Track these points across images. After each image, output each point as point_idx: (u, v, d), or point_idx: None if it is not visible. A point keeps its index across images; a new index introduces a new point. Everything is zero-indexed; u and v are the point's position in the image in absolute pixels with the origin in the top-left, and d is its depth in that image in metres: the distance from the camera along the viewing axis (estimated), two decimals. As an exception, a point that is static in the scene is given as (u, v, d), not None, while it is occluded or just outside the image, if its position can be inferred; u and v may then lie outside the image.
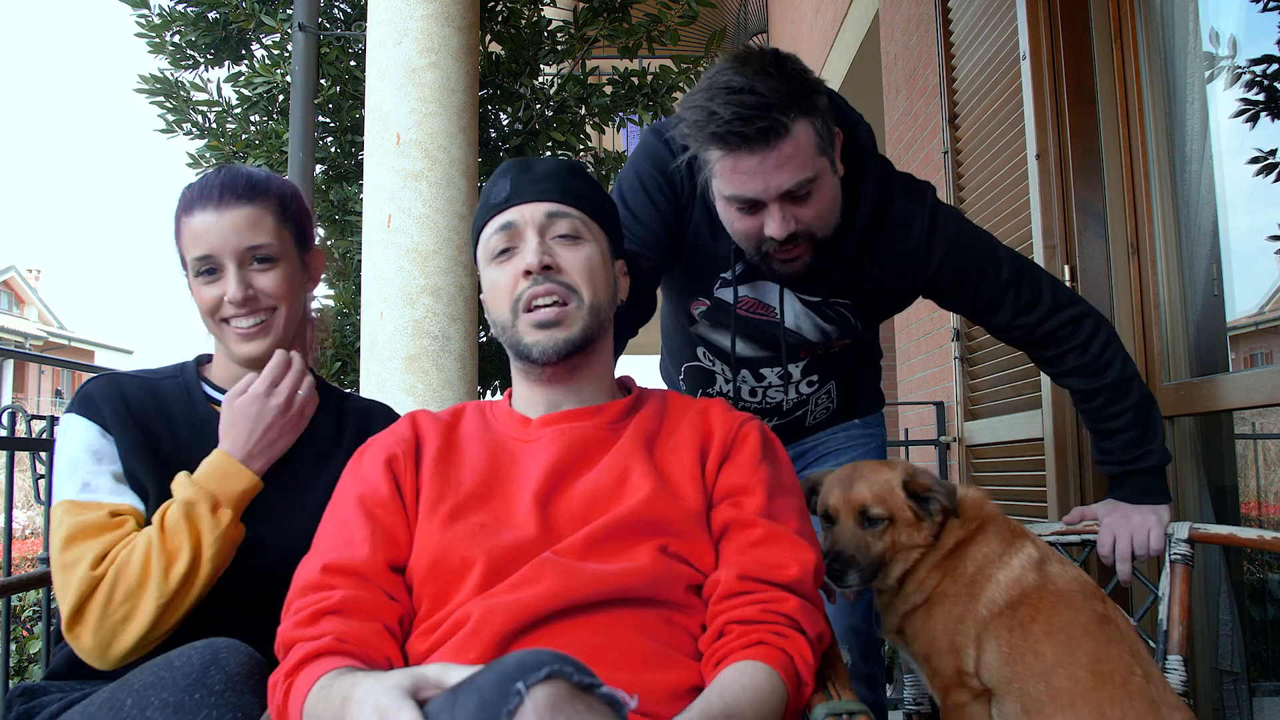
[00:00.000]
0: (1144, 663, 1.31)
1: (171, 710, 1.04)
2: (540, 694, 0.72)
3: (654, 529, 1.12)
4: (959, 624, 1.38)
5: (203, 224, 1.33)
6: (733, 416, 1.26)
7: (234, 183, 1.35)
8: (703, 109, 1.34)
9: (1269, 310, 2.37)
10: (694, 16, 4.12)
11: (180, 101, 4.18)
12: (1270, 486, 2.99)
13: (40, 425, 2.30)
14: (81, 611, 1.19)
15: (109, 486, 1.27)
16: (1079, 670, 1.28)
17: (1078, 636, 1.31)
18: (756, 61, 1.35)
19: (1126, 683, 1.26)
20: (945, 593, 1.41)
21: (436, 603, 1.09)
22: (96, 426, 1.30)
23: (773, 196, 1.38)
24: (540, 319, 1.19)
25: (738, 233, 1.46)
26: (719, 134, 1.33)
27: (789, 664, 1.05)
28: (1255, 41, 2.10)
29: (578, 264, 1.21)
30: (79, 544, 1.22)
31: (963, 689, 1.37)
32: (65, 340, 28.32)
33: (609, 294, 1.26)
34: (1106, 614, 1.36)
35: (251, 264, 1.34)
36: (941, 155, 3.26)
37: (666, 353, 1.93)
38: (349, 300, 3.89)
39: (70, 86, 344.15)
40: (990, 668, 1.34)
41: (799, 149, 1.35)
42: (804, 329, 1.65)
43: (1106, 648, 1.30)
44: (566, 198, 1.24)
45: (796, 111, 1.34)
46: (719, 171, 1.39)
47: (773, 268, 1.49)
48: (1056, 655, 1.30)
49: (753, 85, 1.32)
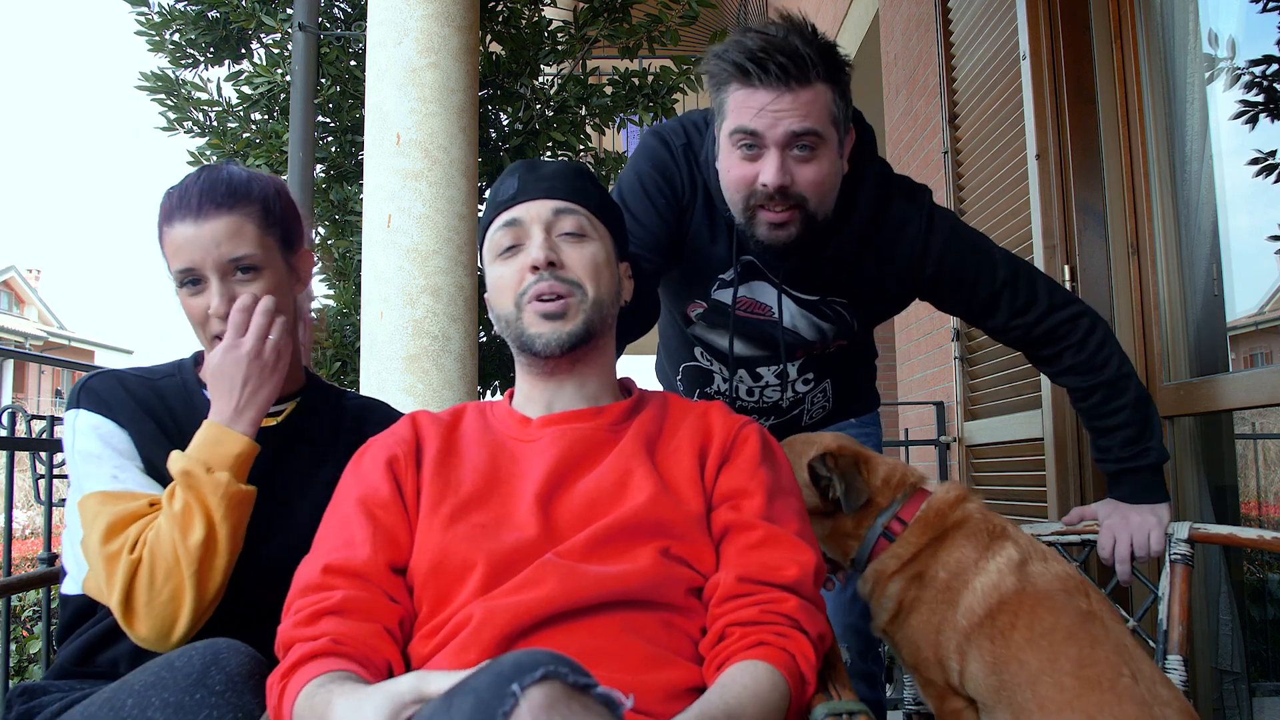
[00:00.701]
0: (1133, 660, 1.27)
1: (172, 710, 1.04)
2: (536, 694, 0.72)
3: (655, 531, 1.12)
4: (938, 634, 1.36)
5: (183, 235, 1.29)
6: (732, 420, 1.26)
7: (213, 190, 1.31)
8: (733, 41, 1.38)
9: (1269, 310, 2.37)
10: (694, 17, 4.12)
11: (181, 100, 4.17)
12: (1270, 486, 2.99)
13: (40, 425, 2.30)
14: (130, 600, 1.18)
15: (138, 480, 1.26)
16: (1064, 678, 1.24)
17: (1060, 641, 1.27)
18: (795, 23, 1.40)
19: (1114, 685, 1.23)
20: (919, 600, 1.39)
21: (437, 604, 1.09)
22: (109, 421, 1.29)
23: (777, 138, 1.38)
24: (545, 310, 1.19)
25: (732, 181, 1.45)
26: (741, 63, 1.36)
27: (791, 663, 1.05)
28: (1255, 42, 2.10)
29: (582, 261, 1.22)
30: (122, 533, 1.21)
31: (956, 697, 1.35)
32: (65, 340, 28.32)
33: (612, 292, 1.26)
34: (1091, 610, 1.32)
35: (235, 275, 1.31)
36: (941, 155, 3.27)
37: (664, 354, 1.93)
38: (349, 300, 3.89)
39: (70, 85, 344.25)
40: (976, 679, 1.31)
41: (815, 103, 1.38)
42: (800, 328, 1.65)
43: (1092, 650, 1.26)
44: (573, 196, 1.25)
45: (822, 72, 1.38)
46: (731, 106, 1.40)
47: (759, 235, 1.47)
48: (1040, 663, 1.26)
49: (787, 38, 1.37)
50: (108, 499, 1.23)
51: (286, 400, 1.43)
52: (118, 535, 1.21)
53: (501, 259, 1.24)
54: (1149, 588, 1.58)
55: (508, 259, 1.23)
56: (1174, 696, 1.25)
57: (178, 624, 1.18)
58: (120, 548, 1.20)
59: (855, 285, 1.61)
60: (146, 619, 1.18)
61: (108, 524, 1.21)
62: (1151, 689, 1.24)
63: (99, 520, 1.22)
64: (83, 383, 1.33)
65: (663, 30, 4.14)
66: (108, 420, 1.29)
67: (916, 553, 1.41)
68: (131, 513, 1.22)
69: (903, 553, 1.41)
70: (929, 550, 1.41)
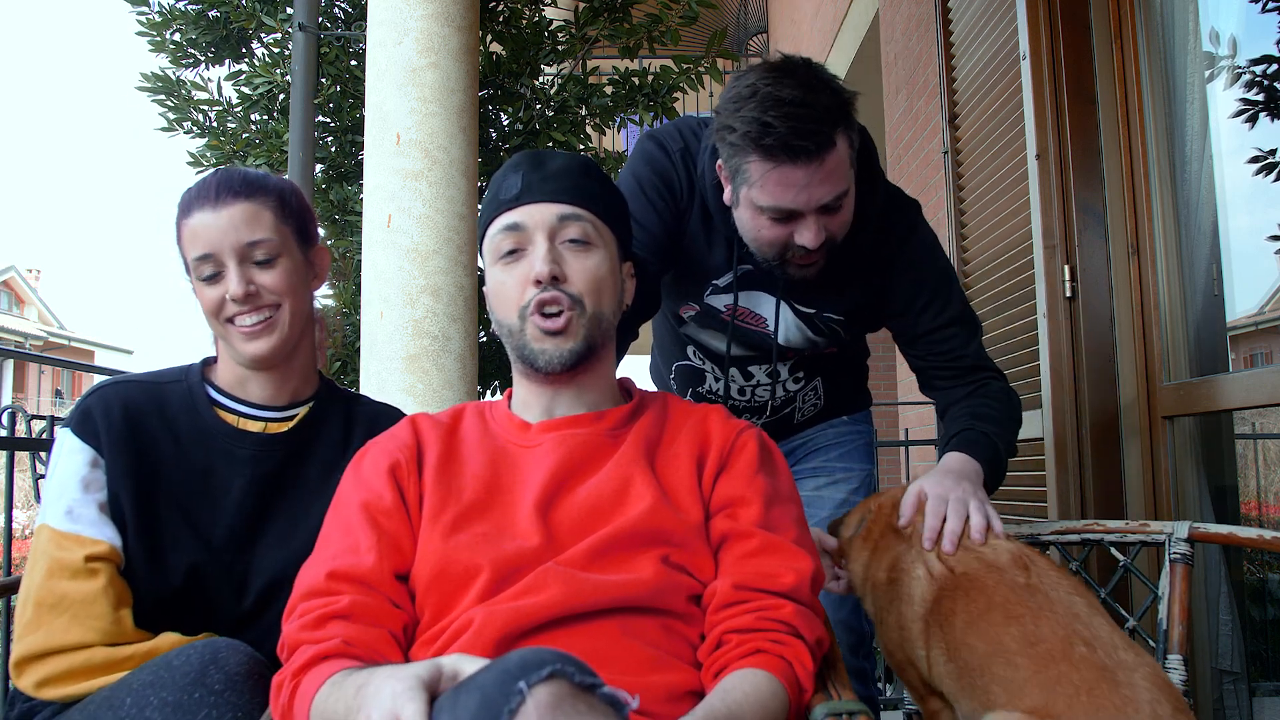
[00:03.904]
0: (1086, 628, 1.21)
1: (171, 710, 1.04)
2: (542, 693, 0.72)
3: (656, 539, 1.11)
4: (901, 632, 1.36)
5: (201, 222, 1.30)
6: (731, 425, 1.25)
7: (230, 181, 1.33)
8: (756, 121, 1.33)
9: (1269, 310, 2.37)
10: (694, 17, 4.12)
11: (181, 100, 4.18)
12: (1270, 486, 2.99)
13: (40, 425, 2.30)
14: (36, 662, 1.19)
15: (92, 517, 1.25)
16: (1015, 657, 1.20)
17: (1000, 622, 1.24)
18: (801, 72, 1.36)
19: (1069, 655, 1.18)
20: (880, 607, 1.41)
21: (439, 611, 1.09)
22: (90, 452, 1.27)
23: (812, 209, 1.39)
24: (547, 326, 1.18)
25: (763, 240, 1.46)
26: (771, 146, 1.33)
27: (789, 670, 1.05)
28: (1255, 41, 2.10)
29: (585, 274, 1.19)
30: (58, 581, 1.20)
31: (934, 697, 1.35)
32: (65, 340, 28.32)
33: (614, 302, 1.24)
34: (1031, 584, 1.27)
35: (252, 260, 1.31)
36: (941, 155, 3.26)
37: (658, 352, 1.94)
38: (349, 300, 3.89)
39: (71, 85, 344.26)
40: (940, 671, 1.30)
41: (840, 162, 1.37)
42: (793, 340, 1.66)
43: (1036, 626, 1.21)
44: (579, 199, 1.21)
45: (841, 125, 1.36)
46: (760, 183, 1.38)
47: (788, 273, 1.50)
48: (987, 645, 1.23)
49: (804, 98, 1.33)
50: (54, 539, 1.23)
51: (299, 405, 1.41)
52: (53, 582, 1.20)
53: (503, 263, 1.21)
54: (1149, 587, 1.58)
55: (509, 265, 1.21)
56: (1140, 661, 1.19)
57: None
58: (56, 602, 1.19)
59: (850, 295, 1.62)
60: (36, 687, 1.18)
61: (46, 567, 1.21)
62: (1112, 654, 1.18)
63: (42, 559, 1.22)
64: (85, 398, 1.32)
65: (663, 30, 4.13)
66: (87, 450, 1.27)
67: (867, 564, 1.44)
68: (67, 565, 1.21)
69: (857, 568, 1.45)
70: (873, 558, 1.44)
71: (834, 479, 1.85)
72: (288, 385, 1.39)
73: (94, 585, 1.20)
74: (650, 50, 4.21)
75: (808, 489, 1.83)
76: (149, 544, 1.26)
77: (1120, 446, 2.27)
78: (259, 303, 1.32)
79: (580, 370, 1.22)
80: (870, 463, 1.90)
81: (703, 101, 7.40)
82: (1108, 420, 2.29)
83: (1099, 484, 2.27)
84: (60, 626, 1.18)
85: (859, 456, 1.88)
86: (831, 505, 1.83)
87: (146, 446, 1.30)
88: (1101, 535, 1.63)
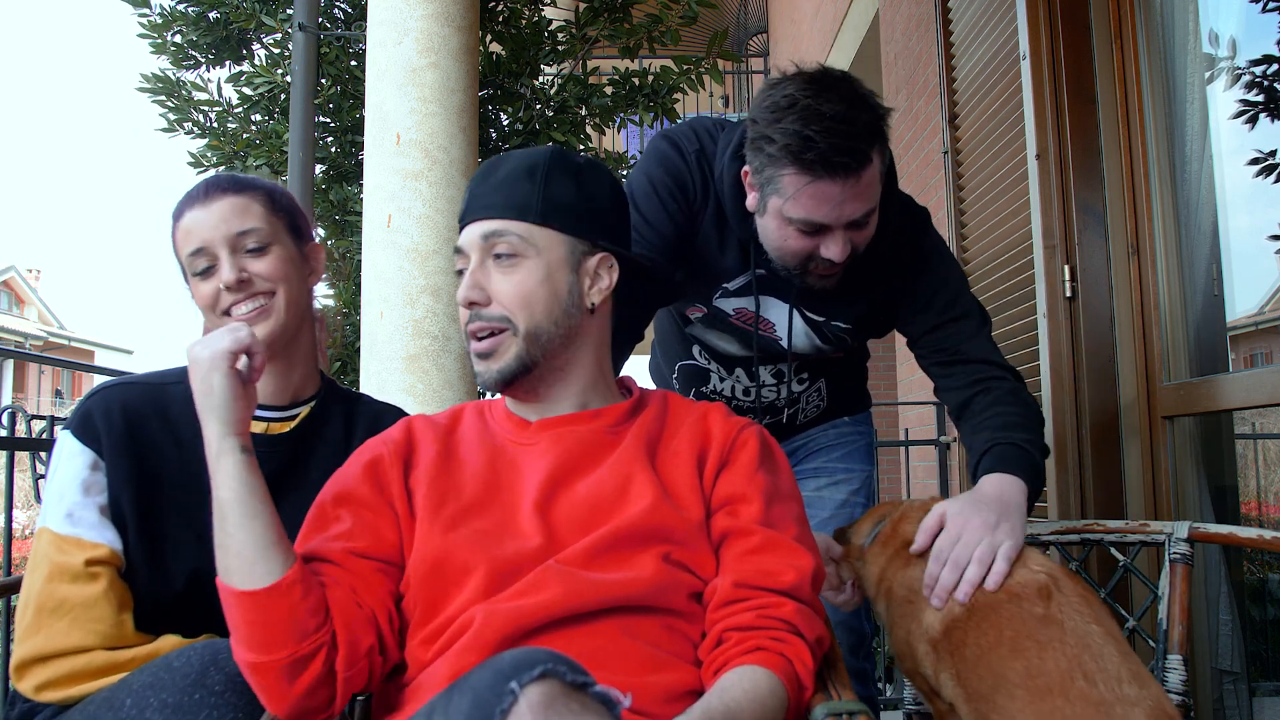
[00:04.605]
0: (1095, 660, 1.21)
1: (171, 711, 1.04)
2: (534, 693, 0.72)
3: (656, 537, 1.11)
4: (909, 646, 1.38)
5: (192, 219, 1.33)
6: (731, 423, 1.24)
7: (219, 180, 1.36)
8: (797, 134, 1.32)
9: (1269, 310, 2.37)
10: (694, 17, 4.12)
11: (182, 101, 4.18)
12: (1270, 486, 2.99)
13: (40, 425, 2.30)
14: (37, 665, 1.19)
15: (92, 520, 1.25)
16: (1015, 689, 1.22)
17: (1006, 656, 1.25)
18: (842, 87, 1.35)
19: (1067, 691, 1.19)
20: (890, 617, 1.42)
21: (432, 607, 1.09)
22: (90, 455, 1.27)
23: (842, 224, 1.40)
24: (475, 349, 1.18)
25: (788, 250, 1.46)
26: (812, 161, 1.33)
27: (788, 668, 1.05)
28: (1255, 42, 2.10)
29: (509, 289, 1.16)
30: (58, 585, 1.21)
31: (940, 699, 1.36)
32: (65, 340, 28.33)
33: (557, 309, 1.17)
34: (1048, 615, 1.27)
35: (244, 249, 1.33)
36: (941, 155, 3.26)
37: (661, 352, 1.93)
38: (349, 300, 3.90)
39: (71, 86, 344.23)
40: (948, 689, 1.33)
41: (873, 179, 1.38)
42: (800, 346, 1.66)
43: (1041, 660, 1.22)
44: (509, 211, 1.17)
45: (878, 143, 1.36)
46: (794, 196, 1.38)
47: (808, 282, 1.50)
48: (993, 678, 1.25)
49: (845, 114, 1.32)
50: (54, 543, 1.23)
51: (301, 404, 1.41)
52: (54, 586, 1.20)
53: (458, 277, 1.22)
54: (1149, 587, 1.58)
55: (458, 283, 1.21)
56: (1144, 695, 1.18)
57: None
58: (57, 606, 1.20)
59: (860, 305, 1.63)
60: (35, 689, 1.19)
61: (47, 572, 1.21)
62: (1115, 689, 1.18)
63: (43, 563, 1.22)
64: (86, 400, 1.32)
65: (663, 30, 4.13)
66: (88, 452, 1.27)
67: (883, 570, 1.44)
68: (67, 570, 1.21)
69: (872, 572, 1.45)
70: (890, 568, 1.44)
71: (835, 480, 1.86)
72: (289, 383, 1.39)
73: (94, 589, 1.20)
74: (650, 50, 4.21)
75: (808, 490, 1.83)
76: (150, 547, 1.26)
77: (1120, 446, 2.27)
78: (253, 290, 1.33)
79: (528, 385, 1.19)
80: (870, 464, 1.90)
81: (703, 102, 7.40)
82: (1108, 420, 2.29)
83: (1099, 484, 2.27)
84: (61, 630, 1.18)
85: (860, 457, 1.88)
86: (832, 506, 1.83)
87: (147, 449, 1.30)
88: (1101, 535, 1.63)
